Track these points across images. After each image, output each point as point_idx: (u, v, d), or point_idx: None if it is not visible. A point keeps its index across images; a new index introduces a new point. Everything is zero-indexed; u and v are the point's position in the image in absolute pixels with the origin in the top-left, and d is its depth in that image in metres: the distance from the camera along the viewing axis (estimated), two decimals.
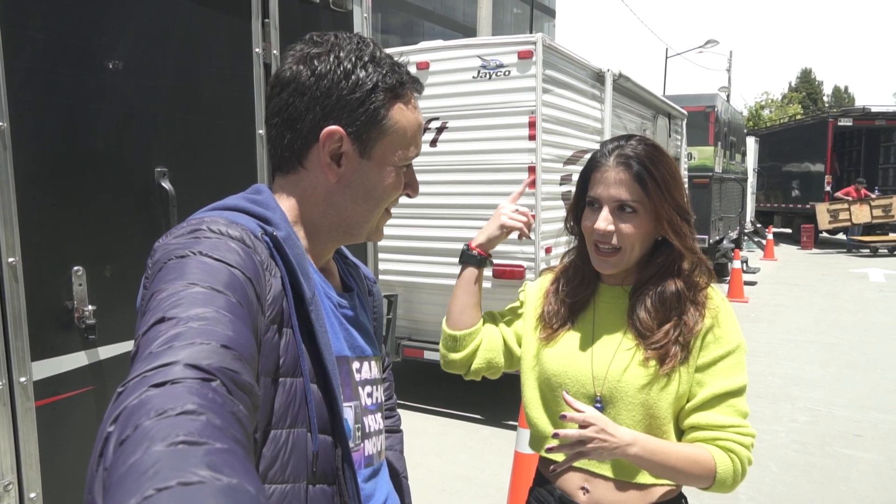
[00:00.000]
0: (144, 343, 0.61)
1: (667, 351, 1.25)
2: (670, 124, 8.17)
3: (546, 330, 1.39)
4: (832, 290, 10.74)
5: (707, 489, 1.26)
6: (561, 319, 1.38)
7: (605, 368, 1.29)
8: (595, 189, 1.30)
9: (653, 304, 1.29)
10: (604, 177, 1.29)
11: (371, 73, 0.88)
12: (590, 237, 1.32)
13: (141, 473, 0.42)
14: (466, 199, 4.63)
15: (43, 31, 1.57)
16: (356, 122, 0.88)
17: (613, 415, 1.27)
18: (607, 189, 1.28)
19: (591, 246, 1.33)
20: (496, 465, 3.98)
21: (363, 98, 0.88)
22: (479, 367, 1.44)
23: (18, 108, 1.51)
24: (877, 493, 3.71)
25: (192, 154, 2.01)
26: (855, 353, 6.70)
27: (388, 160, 0.92)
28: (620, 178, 1.27)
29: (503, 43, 4.46)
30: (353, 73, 0.88)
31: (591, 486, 1.30)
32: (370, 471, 0.97)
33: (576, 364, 1.32)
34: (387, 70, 0.90)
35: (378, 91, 0.89)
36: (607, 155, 1.30)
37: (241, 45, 2.18)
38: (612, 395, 1.28)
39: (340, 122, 0.88)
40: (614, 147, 1.31)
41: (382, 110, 0.89)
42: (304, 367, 0.82)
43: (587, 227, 1.32)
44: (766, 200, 20.50)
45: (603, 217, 1.28)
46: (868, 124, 17.20)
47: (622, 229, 1.27)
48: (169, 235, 0.79)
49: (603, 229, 1.27)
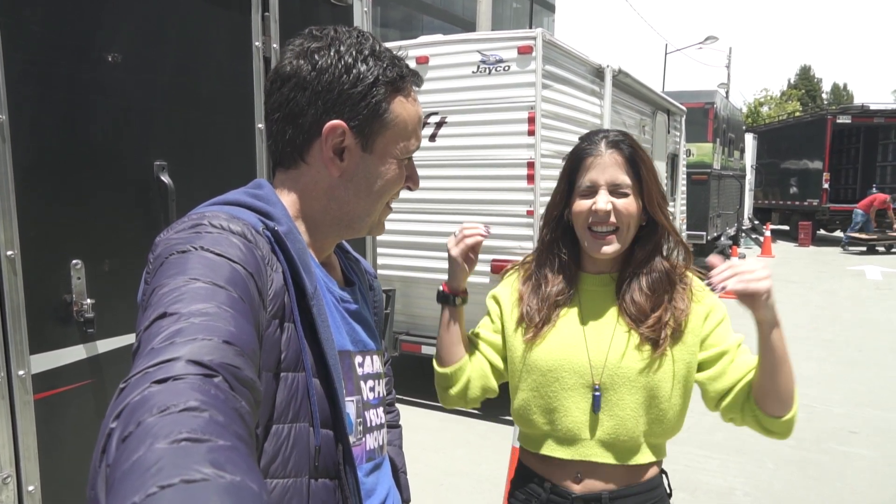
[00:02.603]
0: (146, 339, 0.60)
1: (660, 333, 1.30)
2: (669, 120, 8.17)
3: (530, 330, 1.37)
4: (829, 287, 10.77)
5: (790, 413, 1.26)
6: (544, 316, 1.37)
7: (602, 356, 1.31)
8: (589, 174, 1.33)
9: (646, 287, 1.34)
10: (598, 161, 1.32)
11: (372, 67, 0.88)
12: (583, 222, 1.34)
13: (144, 470, 0.42)
14: (465, 195, 4.63)
15: (42, 25, 1.56)
16: (358, 116, 0.88)
17: (616, 400, 1.30)
18: (603, 172, 1.32)
19: (583, 232, 1.35)
20: (493, 460, 4.00)
21: (365, 92, 0.88)
22: (475, 395, 1.45)
23: (17, 102, 1.50)
24: (872, 489, 3.73)
25: (191, 148, 2.01)
26: (851, 350, 6.73)
27: (390, 153, 0.93)
28: (615, 160, 1.32)
29: (503, 38, 4.45)
30: (353, 67, 0.88)
31: (584, 473, 1.32)
32: (372, 465, 0.98)
33: (571, 356, 1.33)
34: (387, 64, 0.90)
35: (379, 84, 0.89)
36: (596, 143, 1.34)
37: (240, 38, 2.17)
38: (612, 382, 1.30)
39: (343, 117, 0.88)
40: (600, 136, 1.36)
41: (384, 104, 0.90)
42: (306, 362, 0.82)
43: (581, 212, 1.33)
44: (764, 197, 20.52)
45: (602, 198, 1.31)
46: (867, 122, 17.20)
47: (619, 207, 1.31)
48: (170, 230, 0.79)
49: (604, 209, 1.30)
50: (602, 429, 1.30)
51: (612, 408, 1.30)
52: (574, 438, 1.32)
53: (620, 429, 1.30)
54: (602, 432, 1.30)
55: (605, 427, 1.30)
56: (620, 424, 1.30)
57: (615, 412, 1.30)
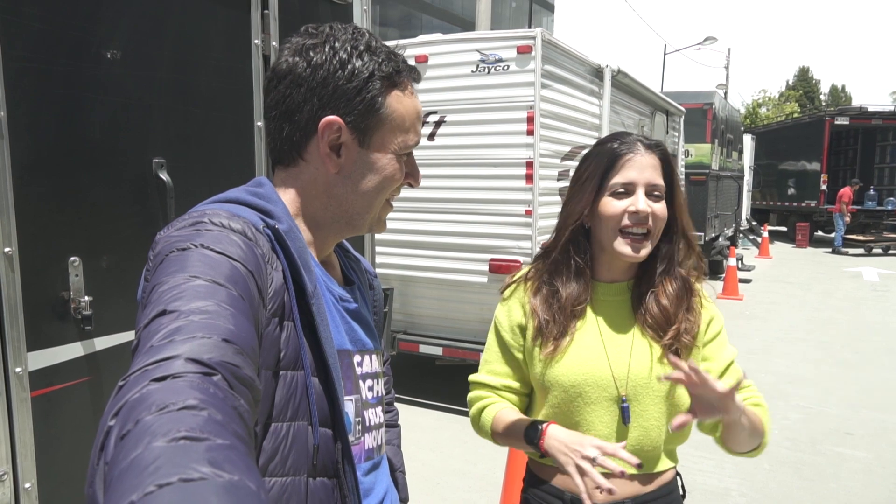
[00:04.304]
0: (145, 336, 0.60)
1: (681, 342, 1.29)
2: (668, 121, 8.18)
3: (548, 344, 1.31)
4: (826, 288, 10.79)
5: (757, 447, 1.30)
6: (561, 328, 1.31)
7: (625, 368, 1.29)
8: (625, 173, 1.27)
9: (666, 297, 1.30)
10: (636, 161, 1.27)
11: (367, 62, 0.88)
12: (616, 224, 1.28)
13: (142, 469, 0.42)
14: (463, 194, 4.63)
15: (40, 21, 1.55)
16: (354, 112, 0.88)
17: (640, 411, 1.28)
18: (642, 172, 1.27)
19: (612, 234, 1.28)
20: (490, 459, 3.99)
21: (360, 87, 0.88)
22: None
23: (15, 98, 1.50)
24: (866, 490, 3.74)
25: (189, 145, 2.00)
26: (847, 352, 6.74)
27: (387, 148, 0.92)
28: (653, 162, 1.28)
29: (502, 37, 4.45)
30: (348, 62, 0.87)
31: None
32: (370, 464, 0.97)
33: (594, 370, 1.29)
34: (383, 58, 0.89)
35: (375, 79, 0.88)
36: (632, 143, 1.30)
37: (239, 36, 2.17)
38: (636, 393, 1.28)
39: (338, 112, 0.88)
40: (633, 137, 1.32)
41: (380, 98, 0.89)
42: (305, 360, 0.82)
43: (615, 213, 1.27)
44: (762, 198, 20.55)
45: (641, 199, 1.26)
46: (865, 123, 17.24)
47: (656, 211, 1.27)
48: (171, 228, 0.79)
49: (645, 210, 1.25)
50: (628, 440, 1.28)
51: (637, 419, 1.28)
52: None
53: (645, 439, 1.29)
54: (627, 444, 1.27)
55: (631, 438, 1.28)
56: (645, 435, 1.29)
57: (640, 423, 1.29)
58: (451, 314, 4.84)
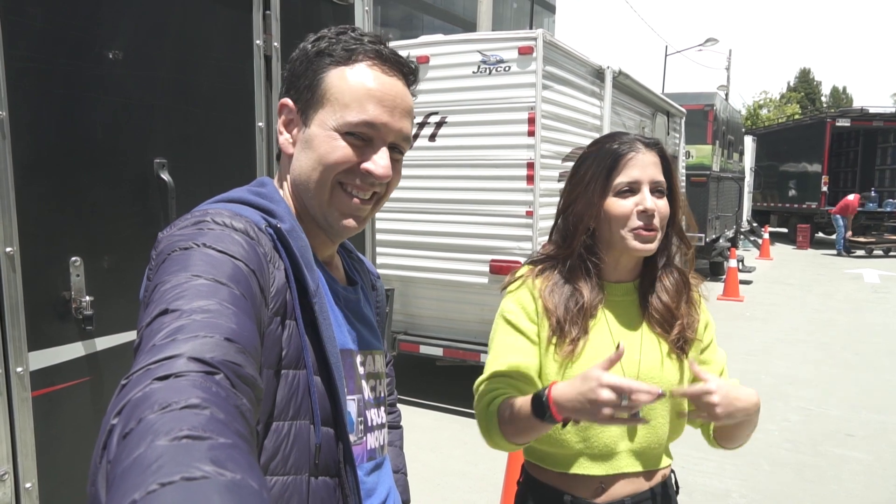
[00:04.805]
0: (148, 335, 0.61)
1: (685, 337, 1.32)
2: (669, 122, 8.18)
3: (565, 345, 1.29)
4: (826, 289, 10.79)
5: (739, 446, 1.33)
6: (576, 329, 1.29)
7: (635, 367, 1.30)
8: (629, 172, 1.28)
9: (668, 290, 1.34)
10: (638, 159, 1.28)
11: (320, 45, 0.90)
12: (624, 223, 1.28)
13: (145, 468, 0.42)
14: (464, 195, 4.63)
15: (42, 21, 1.56)
16: (300, 91, 0.90)
17: (648, 408, 1.28)
18: (645, 170, 1.28)
19: (623, 232, 1.29)
20: (490, 459, 3.99)
21: (305, 66, 0.90)
22: None
23: (17, 98, 1.50)
24: (867, 491, 3.74)
25: (191, 146, 2.00)
26: (848, 353, 6.73)
27: (325, 125, 0.88)
28: (654, 160, 1.30)
29: (504, 38, 4.45)
30: (306, 48, 0.91)
31: (608, 483, 1.31)
32: (372, 464, 0.97)
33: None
34: (343, 41, 0.89)
35: (322, 57, 0.89)
36: (630, 142, 1.30)
37: (241, 36, 2.17)
38: None
39: (290, 94, 0.92)
40: (632, 136, 1.33)
41: (321, 75, 0.89)
42: (307, 359, 0.82)
43: (623, 212, 1.27)
44: (762, 200, 20.55)
45: (648, 197, 1.27)
46: (866, 125, 17.24)
47: (660, 208, 1.29)
48: (173, 227, 0.79)
49: (653, 207, 1.26)
50: (636, 439, 1.30)
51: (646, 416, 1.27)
52: (609, 454, 1.29)
53: (652, 437, 1.31)
54: (636, 443, 1.30)
55: (639, 437, 1.30)
56: (652, 433, 1.31)
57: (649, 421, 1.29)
58: (451, 315, 4.84)
